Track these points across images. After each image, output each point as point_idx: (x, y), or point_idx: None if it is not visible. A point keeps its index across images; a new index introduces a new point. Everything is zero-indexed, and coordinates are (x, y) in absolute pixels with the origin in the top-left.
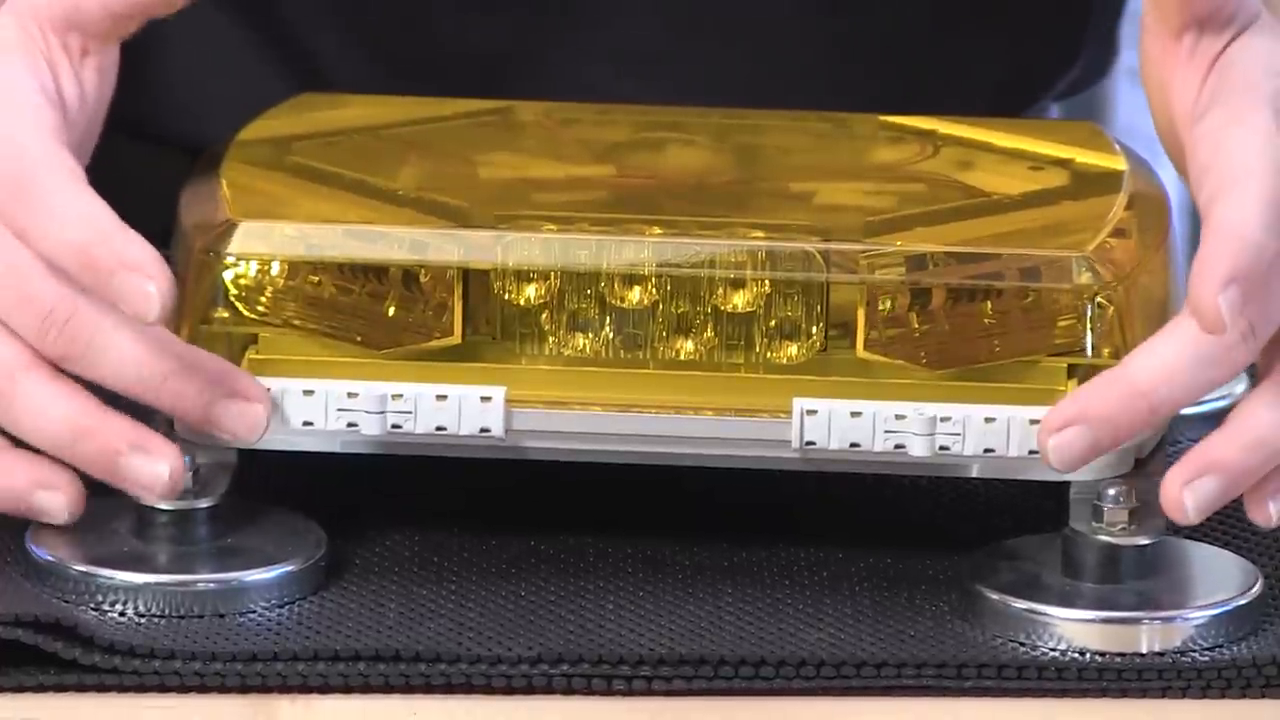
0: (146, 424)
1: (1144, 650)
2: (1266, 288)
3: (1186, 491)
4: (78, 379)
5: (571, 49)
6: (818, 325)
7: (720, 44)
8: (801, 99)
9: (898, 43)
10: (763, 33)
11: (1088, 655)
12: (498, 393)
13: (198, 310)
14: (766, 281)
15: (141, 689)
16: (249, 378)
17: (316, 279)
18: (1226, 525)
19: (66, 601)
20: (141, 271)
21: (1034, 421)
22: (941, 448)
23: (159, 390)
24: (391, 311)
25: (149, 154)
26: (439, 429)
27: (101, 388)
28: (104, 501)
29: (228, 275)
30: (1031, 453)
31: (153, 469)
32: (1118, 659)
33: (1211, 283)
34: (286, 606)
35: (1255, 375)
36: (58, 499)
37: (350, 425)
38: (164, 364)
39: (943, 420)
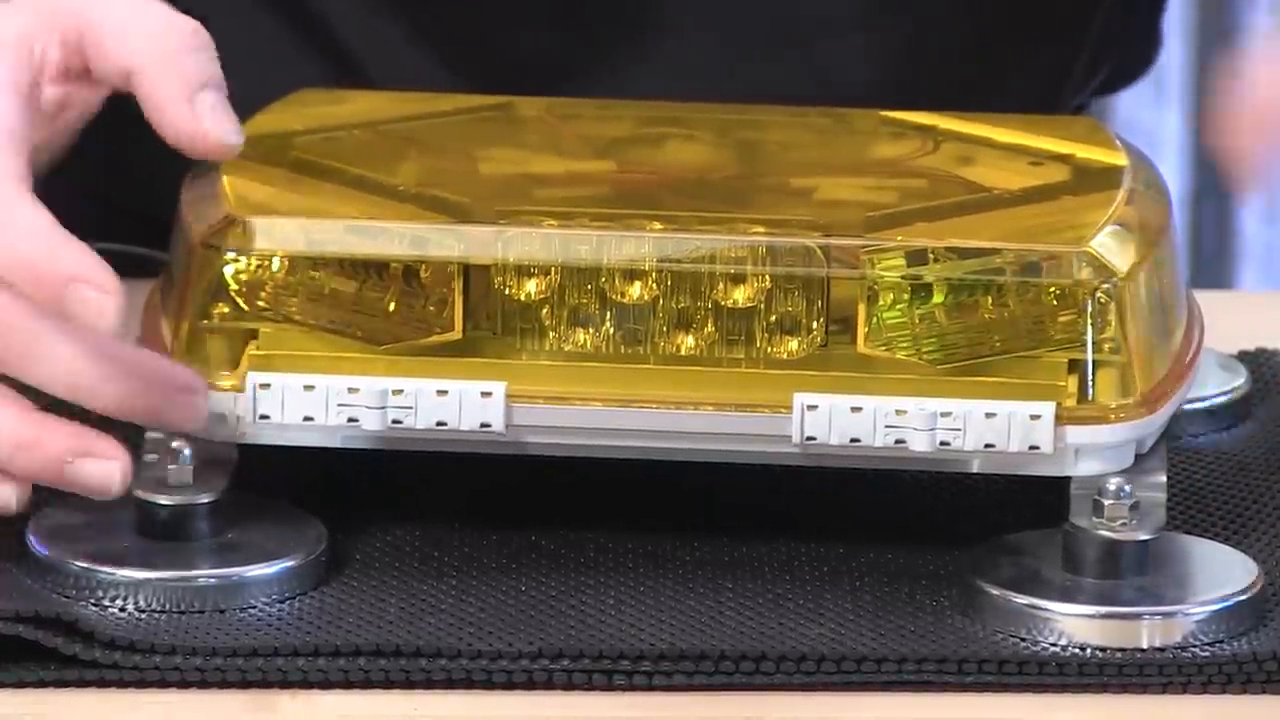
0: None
1: (1144, 645)
2: None
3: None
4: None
5: (627, 60)
6: (818, 320)
7: (774, 55)
8: (857, 105)
9: (950, 51)
10: (815, 44)
11: (1088, 650)
12: (498, 388)
13: (198, 305)
14: (767, 277)
15: (142, 684)
16: (184, 369)
17: (317, 274)
18: (1227, 520)
19: (67, 597)
20: (92, 283)
21: (1034, 417)
22: (942, 443)
23: (95, 395)
24: (392, 307)
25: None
26: (439, 424)
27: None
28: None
29: (228, 270)
30: (1032, 448)
31: (102, 470)
32: (1118, 654)
33: None
34: (287, 602)
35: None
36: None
37: (351, 420)
38: (101, 368)
39: (943, 415)
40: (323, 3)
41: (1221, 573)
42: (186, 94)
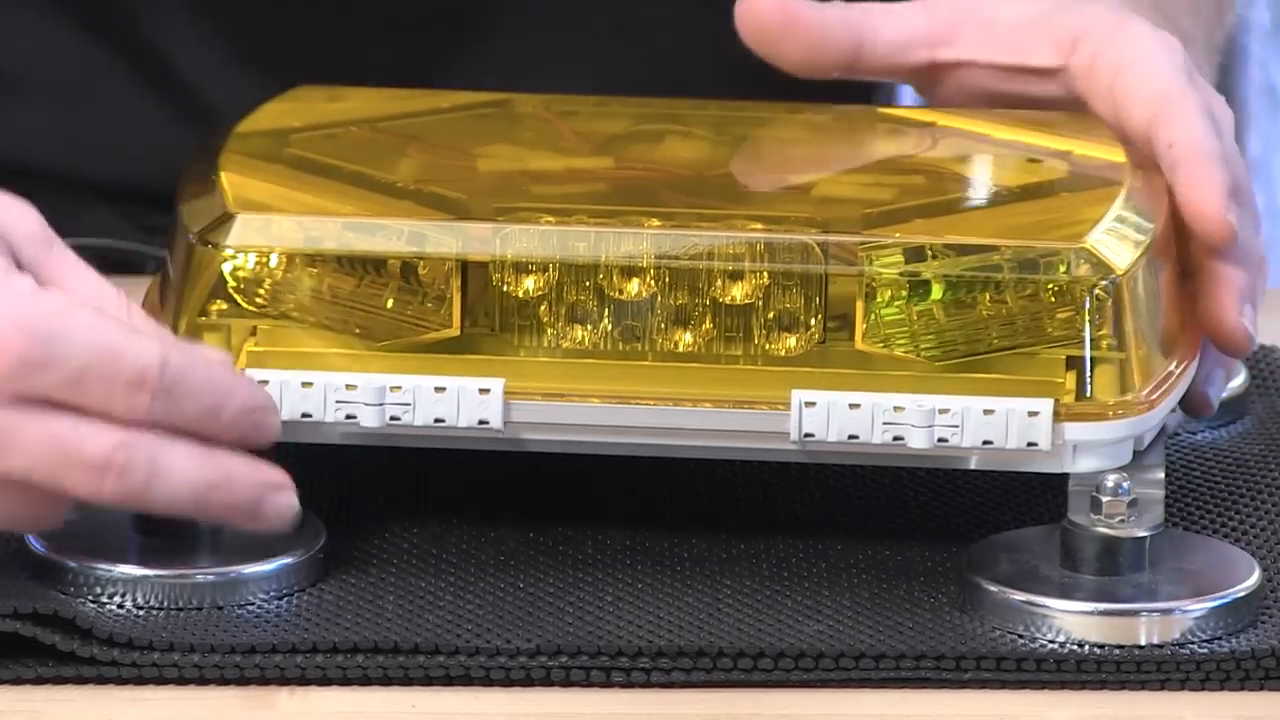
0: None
1: (1143, 642)
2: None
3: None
4: None
5: (467, 65)
6: (816, 317)
7: (613, 51)
8: (697, 96)
9: None
10: (653, 37)
11: (1086, 647)
12: (496, 385)
13: (197, 302)
14: (765, 273)
15: (140, 681)
16: (275, 471)
17: (315, 271)
18: (1225, 517)
19: (65, 594)
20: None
21: (1032, 413)
22: (940, 440)
23: (208, 506)
24: (390, 304)
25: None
26: (437, 421)
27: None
28: None
29: (226, 267)
30: (1030, 444)
31: (287, 501)
32: (1116, 651)
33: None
34: (285, 599)
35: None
36: (289, 500)
37: (349, 417)
38: (209, 474)
39: (941, 412)
40: (157, 35)
41: (1220, 569)
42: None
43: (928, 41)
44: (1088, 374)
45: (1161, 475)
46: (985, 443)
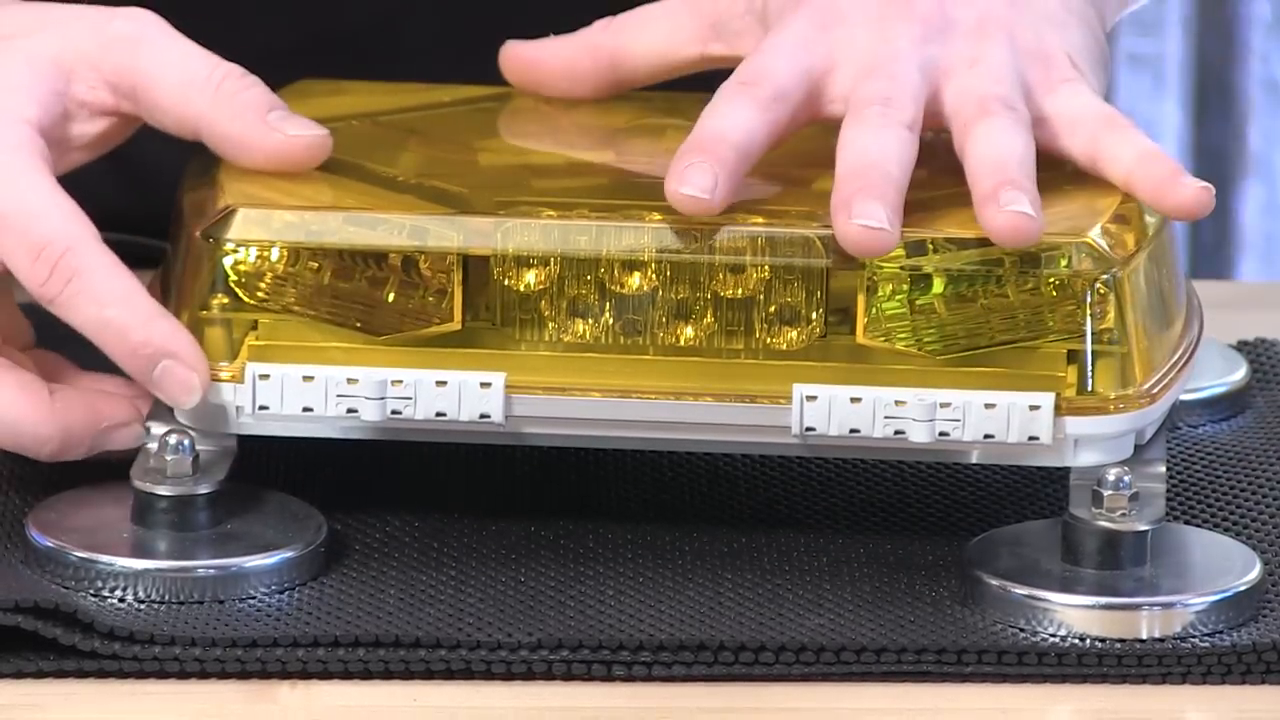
0: None
1: (1144, 636)
2: None
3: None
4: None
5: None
6: (818, 311)
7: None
8: (698, 90)
9: None
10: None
11: (1087, 641)
12: (497, 379)
13: (197, 296)
14: (766, 267)
15: (141, 675)
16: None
17: (316, 265)
18: (1227, 511)
19: (66, 587)
20: (183, 360)
21: (1034, 407)
22: (941, 434)
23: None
24: (391, 297)
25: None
26: (439, 415)
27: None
28: (103, 487)
29: (227, 261)
30: (1031, 438)
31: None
32: (1118, 645)
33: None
34: (286, 592)
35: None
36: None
37: (350, 411)
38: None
39: (942, 406)
40: None
41: (1221, 563)
42: (261, 118)
43: (695, 39)
44: (1089, 368)
45: (1163, 469)
46: (986, 437)
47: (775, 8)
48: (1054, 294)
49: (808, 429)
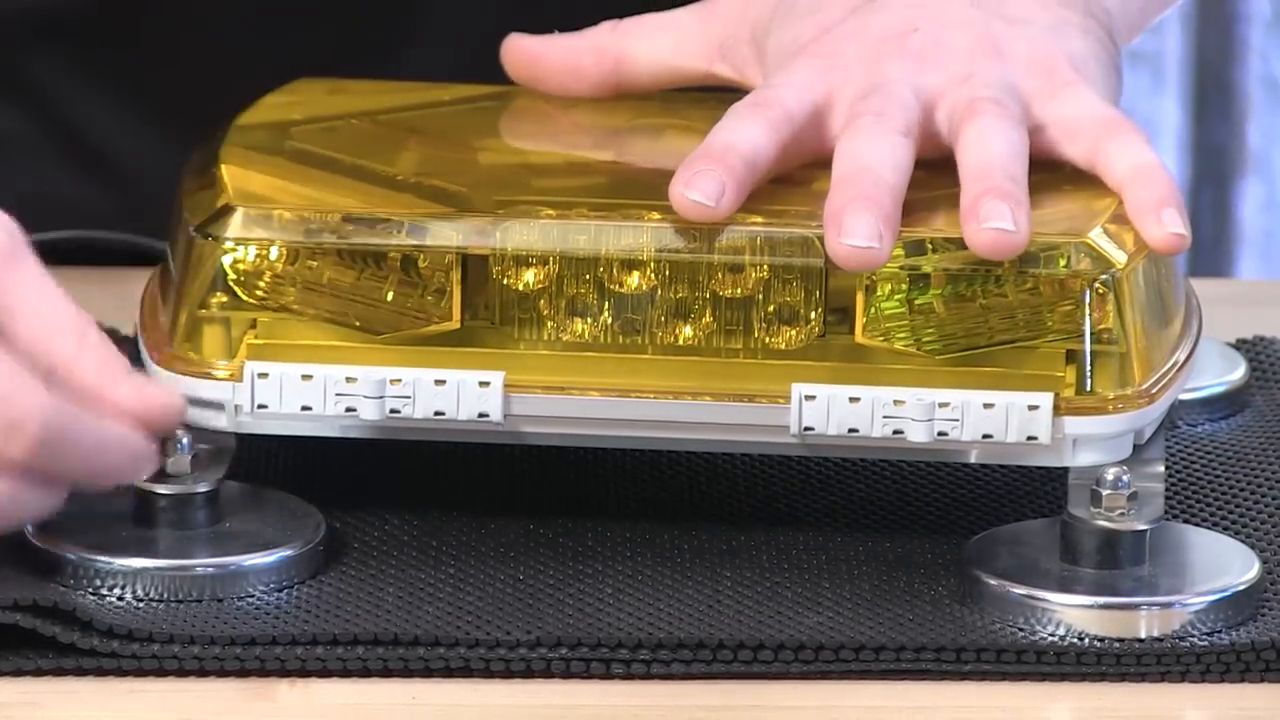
0: None
1: (1143, 635)
2: None
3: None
4: None
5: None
6: (816, 310)
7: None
8: (696, 89)
9: None
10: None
11: (1086, 640)
12: (496, 378)
13: (197, 295)
14: (765, 267)
15: (140, 673)
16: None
17: (315, 264)
18: (1226, 510)
19: (65, 586)
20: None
21: (1032, 407)
22: (940, 433)
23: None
24: (390, 296)
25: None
26: (437, 414)
27: None
28: None
29: (226, 260)
30: (1030, 438)
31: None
32: (1116, 644)
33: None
34: (285, 590)
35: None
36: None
37: (349, 410)
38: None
39: (941, 406)
40: (62, 98)
41: (1220, 563)
42: (125, 371)
43: (701, 56)
44: (1088, 368)
45: (1161, 468)
46: (985, 436)
47: (774, 51)
48: (1053, 294)
49: (806, 428)
